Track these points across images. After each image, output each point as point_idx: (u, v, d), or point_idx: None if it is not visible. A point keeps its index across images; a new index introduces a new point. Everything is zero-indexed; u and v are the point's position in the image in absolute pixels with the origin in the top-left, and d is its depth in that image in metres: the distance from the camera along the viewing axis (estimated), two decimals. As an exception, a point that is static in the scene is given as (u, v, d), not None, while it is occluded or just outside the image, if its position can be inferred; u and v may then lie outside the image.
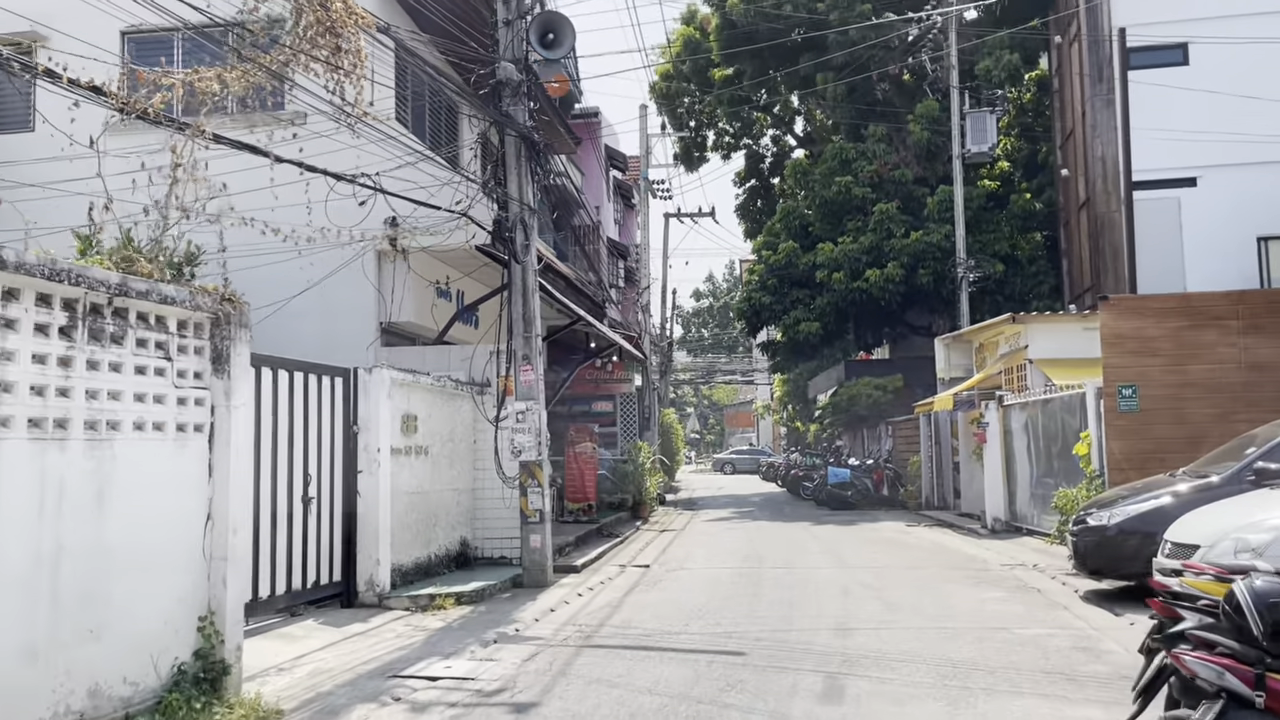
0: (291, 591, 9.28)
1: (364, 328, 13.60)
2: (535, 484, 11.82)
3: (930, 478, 22.26)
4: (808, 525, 19.57)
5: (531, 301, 11.99)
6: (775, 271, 28.80)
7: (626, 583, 11.99)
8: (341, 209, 13.47)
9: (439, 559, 11.92)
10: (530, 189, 12.17)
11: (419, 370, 11.60)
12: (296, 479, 9.39)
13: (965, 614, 9.39)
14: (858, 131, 29.70)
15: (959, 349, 21.98)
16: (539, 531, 11.80)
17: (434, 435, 11.89)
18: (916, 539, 16.60)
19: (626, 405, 26.37)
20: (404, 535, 11.02)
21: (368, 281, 13.52)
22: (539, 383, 11.94)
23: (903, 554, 14.45)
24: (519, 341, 11.94)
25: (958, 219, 24.37)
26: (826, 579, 11.83)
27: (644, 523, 20.78)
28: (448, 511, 12.25)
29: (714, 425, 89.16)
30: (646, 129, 31.36)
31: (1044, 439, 15.70)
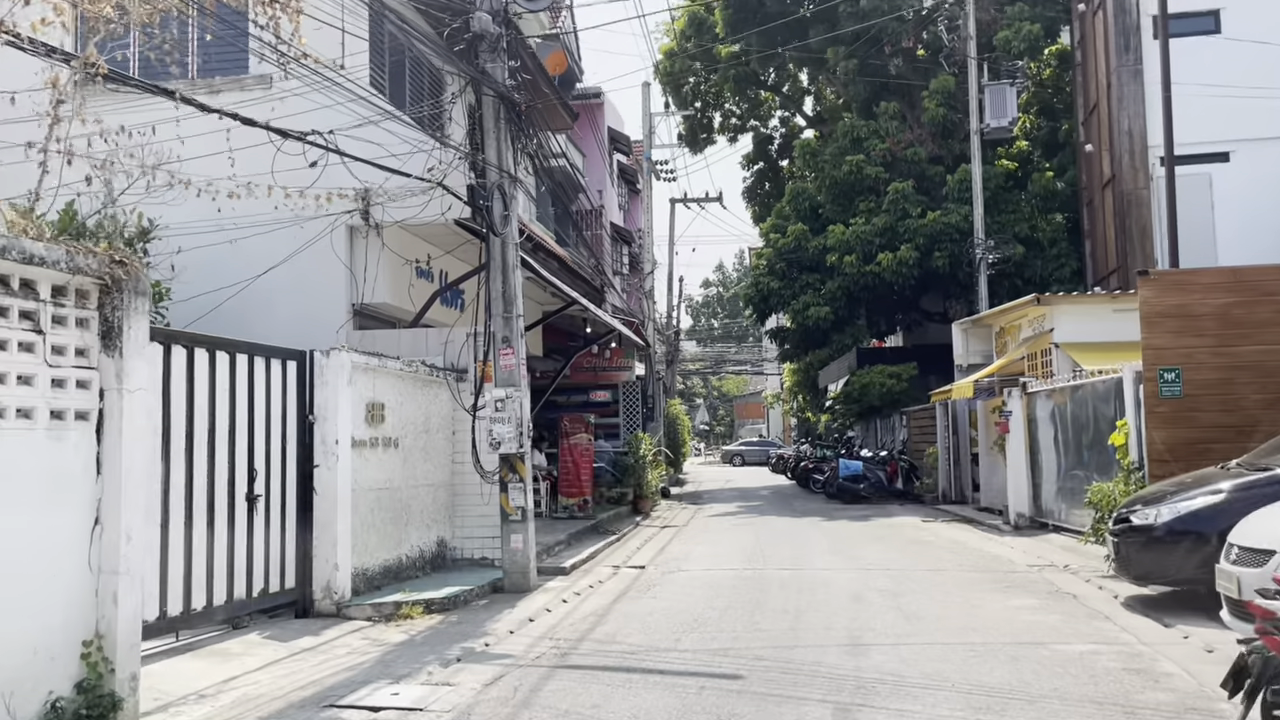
0: (234, 601, 8.23)
1: (335, 310, 12.54)
2: (517, 479, 10.75)
3: (947, 470, 21.12)
4: (818, 521, 18.45)
5: (512, 278, 10.90)
6: (784, 255, 27.66)
7: (617, 587, 10.91)
8: (306, 177, 12.41)
9: (411, 561, 10.86)
10: (511, 155, 11.07)
11: (386, 354, 10.52)
12: (240, 475, 8.34)
13: (995, 626, 8.28)
14: (870, 109, 28.52)
15: (978, 334, 20.81)
16: (521, 531, 10.73)
17: (406, 426, 10.82)
18: (934, 536, 15.48)
19: (629, 395, 25.25)
20: (369, 536, 9.96)
21: (338, 260, 12.45)
22: (521, 368, 10.86)
23: (920, 553, 13.33)
24: (498, 323, 10.86)
25: (976, 197, 23.17)
26: (837, 583, 10.73)
27: (644, 518, 19.71)
28: (422, 509, 11.19)
29: (723, 416, 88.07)
30: (650, 107, 30.20)
31: (1073, 428, 14.55)
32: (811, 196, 28.34)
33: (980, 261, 22.85)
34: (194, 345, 7.90)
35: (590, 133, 32.17)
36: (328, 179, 11.64)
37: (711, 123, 35.54)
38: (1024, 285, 24.77)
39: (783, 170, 35.22)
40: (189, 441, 7.74)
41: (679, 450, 35.09)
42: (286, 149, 9.81)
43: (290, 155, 9.61)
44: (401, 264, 12.95)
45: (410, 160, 11.16)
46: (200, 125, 10.82)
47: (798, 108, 34.82)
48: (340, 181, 12.12)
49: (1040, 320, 17.03)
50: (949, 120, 26.57)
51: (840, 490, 22.58)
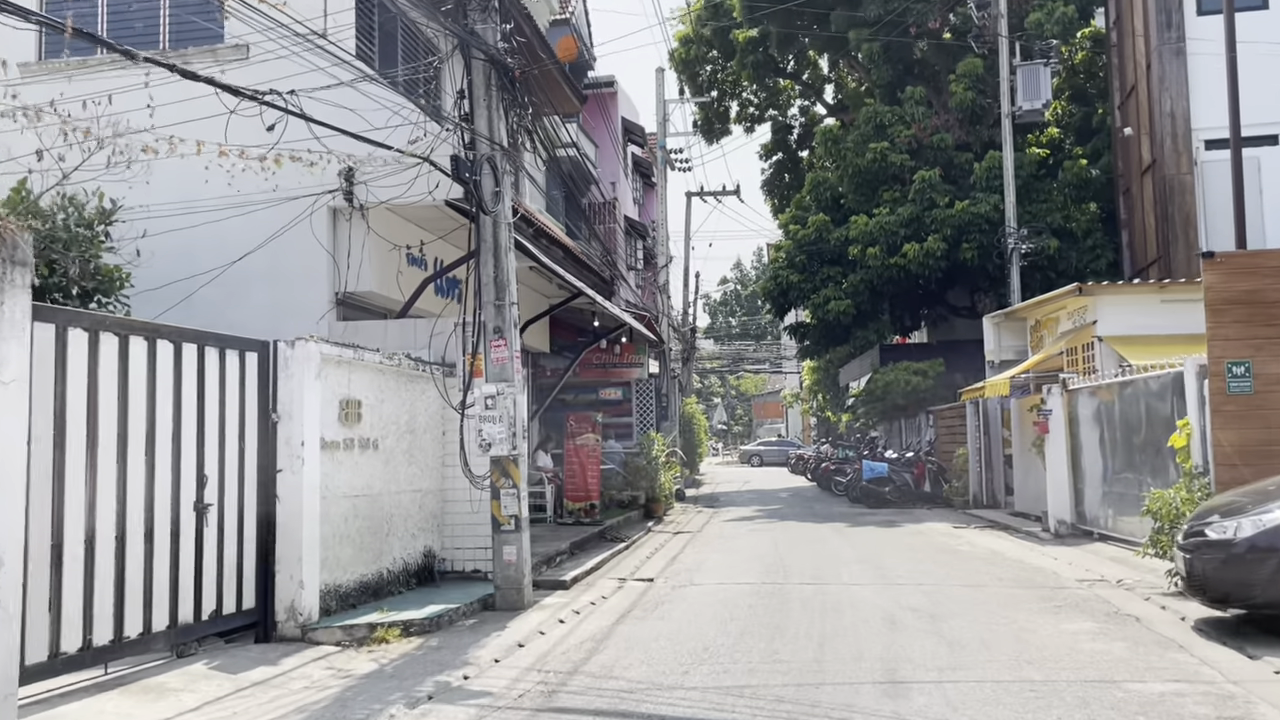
0: (178, 626, 7.20)
1: (316, 299, 11.54)
2: (510, 484, 9.69)
3: (978, 473, 19.93)
4: (841, 527, 17.32)
5: (505, 262, 9.84)
6: (804, 248, 26.48)
7: (621, 604, 9.83)
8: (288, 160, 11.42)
9: (393, 576, 9.82)
10: (503, 126, 10.01)
11: (364, 346, 9.48)
12: (186, 481, 7.32)
13: (1053, 658, 7.15)
14: (894, 95, 27.26)
15: (1011, 329, 19.61)
16: (514, 542, 9.67)
17: (387, 425, 9.78)
18: (969, 545, 14.32)
19: (642, 393, 24.20)
20: (342, 548, 8.92)
21: (319, 245, 11.44)
22: (514, 361, 9.80)
23: (955, 565, 12.19)
24: (489, 311, 9.81)
25: (1008, 184, 21.94)
26: (867, 601, 9.61)
27: (657, 523, 18.63)
28: (406, 518, 10.15)
29: (741, 416, 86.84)
30: (664, 94, 29.06)
31: (1122, 429, 13.36)
32: (833, 186, 27.16)
33: (1012, 252, 21.62)
34: (132, 334, 6.88)
35: (603, 123, 31.11)
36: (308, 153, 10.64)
37: (728, 112, 34.36)
38: (1057, 278, 23.50)
39: (802, 161, 34.00)
40: (122, 444, 6.73)
41: (695, 451, 34.01)
42: (259, 122, 8.81)
43: (261, 130, 8.57)
44: (389, 250, 11.92)
45: (394, 135, 10.12)
46: (169, 93, 9.90)
47: (818, 96, 33.60)
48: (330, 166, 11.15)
49: (1081, 312, 15.84)
50: (977, 105, 25.31)
51: (864, 493, 21.42)
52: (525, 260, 14.76)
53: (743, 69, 30.37)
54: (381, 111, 9.89)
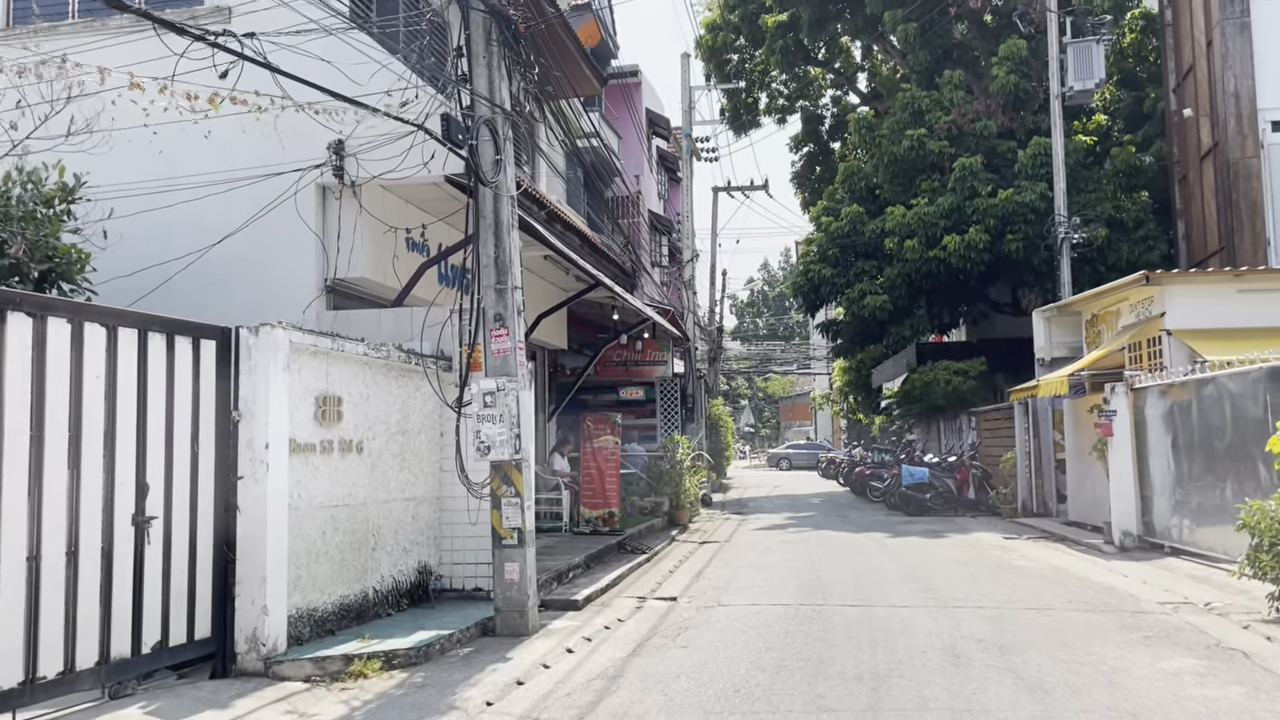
0: (111, 662, 6.09)
1: (303, 286, 10.42)
2: (512, 493, 8.51)
3: (1027, 478, 18.54)
4: (882, 537, 16.01)
5: (507, 240, 8.67)
6: (837, 240, 25.16)
7: (640, 629, 8.63)
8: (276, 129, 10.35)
9: (381, 596, 8.67)
10: (506, 88, 8.85)
11: (345, 335, 8.34)
12: (123, 491, 6.20)
13: (1160, 708, 5.88)
14: (931, 80, 25.93)
15: (1063, 324, 18.22)
16: (518, 559, 8.50)
17: (374, 425, 8.64)
18: (1025, 559, 12.99)
19: (667, 394, 22.98)
20: (318, 566, 7.78)
21: (306, 227, 10.33)
22: (518, 353, 8.63)
23: (1015, 583, 10.88)
24: (489, 297, 8.64)
25: (1057, 169, 20.52)
26: (922, 628, 8.35)
27: (681, 531, 17.40)
28: (397, 530, 9.00)
29: (769, 418, 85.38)
30: (689, 80, 27.82)
31: (1200, 431, 12.00)
32: (868, 176, 25.82)
33: (1063, 242, 20.19)
34: (50, 314, 5.77)
35: (627, 114, 29.94)
36: (287, 125, 9.56)
37: (757, 103, 33.10)
38: (1107, 271, 22.08)
39: (834, 153, 32.68)
40: (37, 447, 5.62)
41: (722, 454, 32.73)
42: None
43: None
44: (384, 232, 10.78)
45: (384, 99, 8.99)
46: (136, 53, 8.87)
47: (850, 84, 32.24)
48: (318, 139, 10.09)
49: (1147, 304, 14.46)
50: (1021, 89, 23.91)
51: (903, 500, 20.08)
52: (539, 249, 13.63)
53: (772, 55, 29.08)
54: (367, 66, 8.76)
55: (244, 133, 10.27)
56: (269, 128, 10.42)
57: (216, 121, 10.57)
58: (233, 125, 10.41)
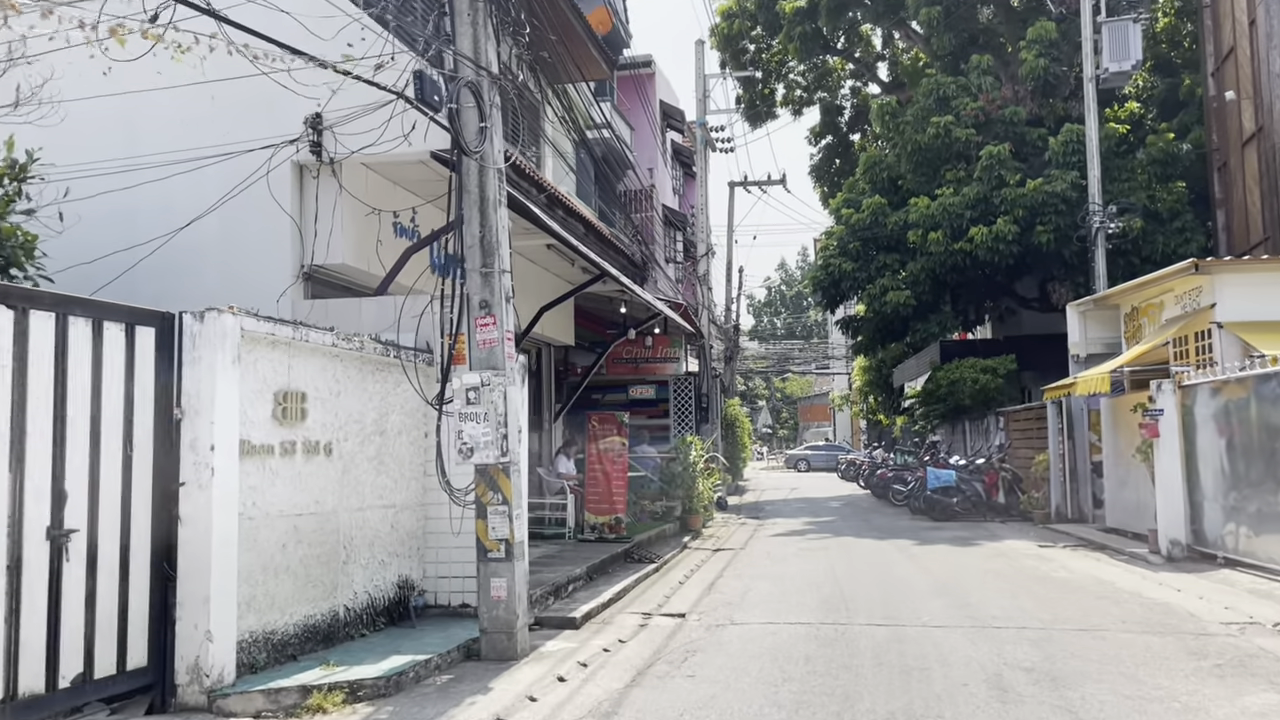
0: (19, 699, 5.23)
1: (278, 272, 9.57)
2: (499, 500, 7.61)
3: (1061, 482, 17.50)
4: (907, 545, 15.02)
5: (493, 218, 7.78)
6: (858, 233, 24.18)
7: (642, 653, 7.71)
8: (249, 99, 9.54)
9: (354, 615, 7.79)
10: (494, 49, 7.95)
11: (312, 324, 7.46)
12: (34, 501, 5.34)
13: (1257, 763, 4.92)
14: (956, 66, 24.90)
15: (1100, 318, 17.18)
16: (505, 574, 7.60)
17: (346, 425, 7.76)
18: (1065, 571, 11.99)
19: (681, 393, 22.04)
20: (278, 583, 6.91)
21: (281, 209, 9.47)
22: (506, 344, 7.73)
23: (1059, 599, 9.89)
24: (474, 281, 7.75)
25: (1091, 156, 19.45)
26: (960, 654, 7.39)
27: (694, 537, 16.47)
28: (373, 541, 8.11)
29: (787, 419, 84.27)
30: (704, 68, 26.87)
31: (1260, 431, 10.98)
32: (890, 166, 24.82)
33: (1097, 232, 19.12)
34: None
35: (639, 105, 29.03)
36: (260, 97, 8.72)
37: (774, 94, 32.13)
38: (1141, 264, 21.00)
39: (854, 145, 31.67)
40: (-80, 448, 4.76)
41: (738, 455, 31.77)
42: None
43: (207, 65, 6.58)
44: (367, 215, 9.91)
45: (359, 64, 8.11)
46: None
47: (871, 74, 31.21)
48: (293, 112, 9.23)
49: (1195, 294, 13.42)
50: (1051, 74, 22.85)
51: (929, 505, 19.07)
52: (540, 237, 12.76)
53: (789, 42, 28.12)
54: (334, 20, 7.88)
55: (213, 100, 9.48)
56: (240, 99, 9.62)
57: (183, 93, 9.78)
58: (200, 96, 9.60)
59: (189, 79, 9.44)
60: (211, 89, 9.46)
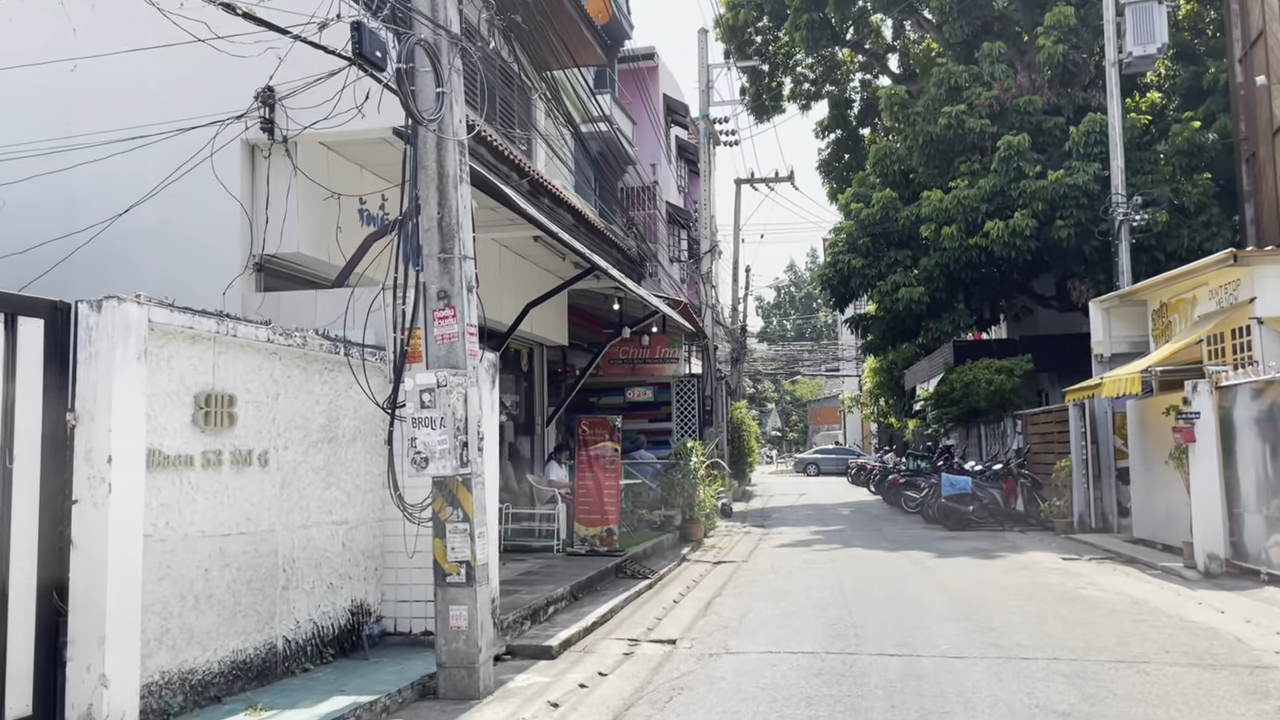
0: None
1: (225, 262, 8.69)
2: (459, 516, 6.71)
3: (1084, 489, 16.51)
4: (921, 557, 14.05)
5: (453, 196, 6.87)
6: (868, 228, 23.19)
7: (622, 691, 6.79)
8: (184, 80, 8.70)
9: (296, 647, 6.88)
10: (455, 6, 7.04)
11: (241, 317, 6.57)
12: (-123, 523, 4.44)
13: None
14: (970, 55, 23.94)
15: (1125, 315, 16.20)
16: (466, 600, 6.69)
17: (286, 432, 6.86)
18: (1095, 588, 11.01)
19: (684, 396, 21.12)
20: (199, 615, 6.01)
21: (228, 193, 8.59)
22: (468, 340, 6.83)
23: (1091, 622, 8.93)
24: (431, 269, 6.85)
25: (1114, 144, 18.46)
26: (984, 693, 6.45)
27: (694, 548, 15.54)
28: (320, 562, 7.21)
29: (796, 422, 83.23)
30: (707, 58, 25.94)
31: (1311, 436, 10.01)
32: (901, 158, 23.84)
33: (1121, 225, 18.13)
34: None
35: (641, 99, 28.11)
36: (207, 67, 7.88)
37: (780, 88, 31.16)
38: (1166, 260, 20.00)
39: (864, 140, 30.67)
40: None
41: (745, 460, 30.82)
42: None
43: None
44: (325, 199, 9.02)
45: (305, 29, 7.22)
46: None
47: (882, 66, 30.23)
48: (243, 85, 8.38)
49: (1232, 288, 12.44)
50: (1069, 61, 21.85)
51: (943, 513, 18.09)
52: (525, 228, 11.87)
53: (796, 31, 27.15)
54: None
55: (158, 72, 8.63)
56: (188, 73, 8.76)
57: (124, 65, 8.92)
58: (140, 65, 8.75)
59: (131, 45, 8.65)
60: (156, 61, 8.64)
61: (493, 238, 12.94)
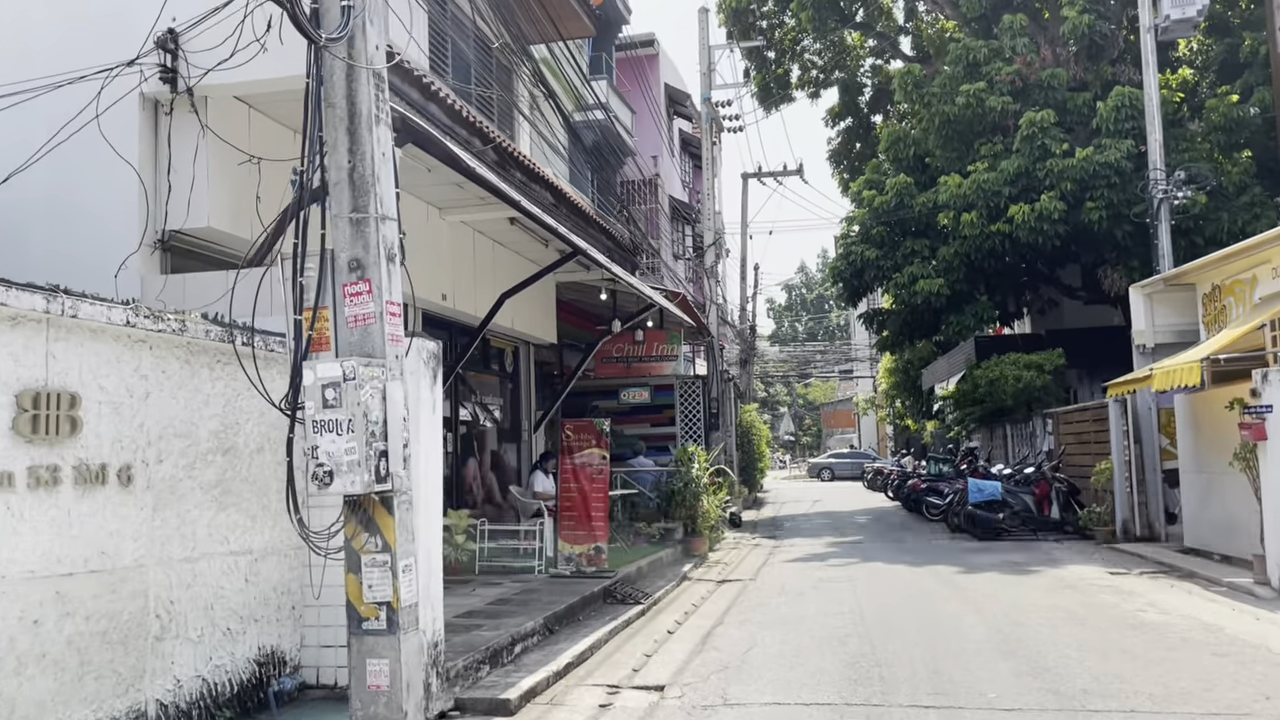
0: None
1: (122, 239, 7.30)
2: (377, 545, 5.28)
3: (1127, 494, 14.97)
4: (949, 573, 12.55)
5: (368, 141, 5.46)
6: (882, 217, 21.74)
7: (587, 765, 5.34)
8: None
9: (176, 712, 5.44)
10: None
11: (92, 297, 5.15)
12: None
13: None
14: (988, 31, 22.45)
15: (1170, 301, 14.66)
16: (387, 653, 5.26)
17: (158, 440, 5.45)
18: (1156, 610, 9.50)
19: (688, 398, 19.66)
20: (20, 683, 4.58)
21: (120, 156, 7.20)
22: (389, 323, 5.41)
23: (1165, 658, 7.43)
24: (340, 233, 5.45)
25: (1151, 117, 16.92)
26: (1055, 769, 4.97)
27: (698, 564, 14.08)
28: (211, 603, 5.78)
29: (810, 426, 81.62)
30: (708, 38, 24.50)
31: None
32: (916, 141, 22.34)
33: (1161, 204, 16.59)
34: None
35: (640, 88, 26.70)
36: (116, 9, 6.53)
37: (788, 75, 29.73)
38: (1205, 244, 18.46)
39: (876, 128, 29.18)
40: None
41: (755, 465, 29.32)
42: None
43: None
44: (241, 165, 7.62)
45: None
46: None
47: (894, 49, 28.76)
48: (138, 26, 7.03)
49: (1302, 264, 10.94)
50: (1096, 33, 20.33)
51: (970, 521, 16.56)
52: (502, 209, 10.49)
53: (803, 10, 25.73)
54: None
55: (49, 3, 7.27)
56: (76, 13, 7.41)
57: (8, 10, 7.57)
58: (24, 9, 7.39)
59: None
60: (42, 5, 7.29)
61: (463, 220, 11.55)
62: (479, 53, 14.41)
